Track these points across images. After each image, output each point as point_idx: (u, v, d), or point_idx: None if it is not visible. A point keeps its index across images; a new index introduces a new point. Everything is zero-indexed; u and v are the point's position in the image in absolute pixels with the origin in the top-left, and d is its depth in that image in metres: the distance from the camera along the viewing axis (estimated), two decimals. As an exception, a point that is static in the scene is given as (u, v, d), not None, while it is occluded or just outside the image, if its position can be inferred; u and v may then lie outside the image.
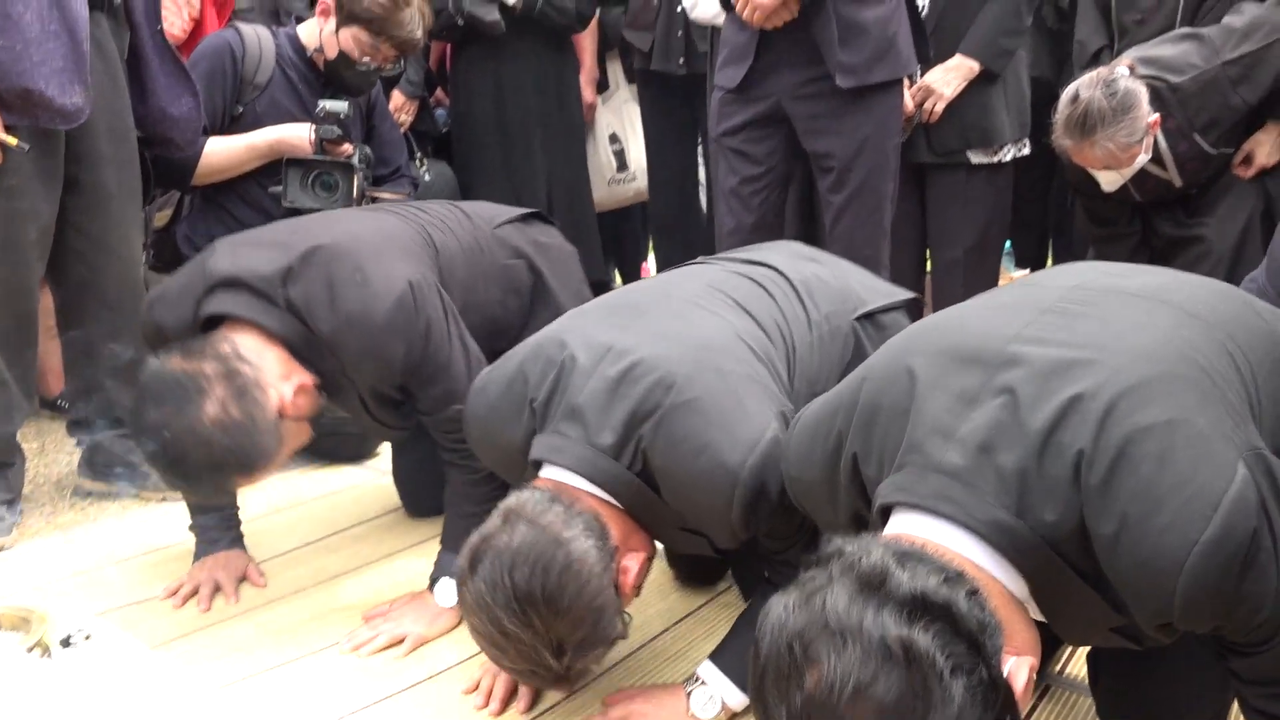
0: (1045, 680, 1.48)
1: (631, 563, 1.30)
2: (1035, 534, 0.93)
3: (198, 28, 2.67)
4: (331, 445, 2.38)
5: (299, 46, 2.43)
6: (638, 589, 1.34)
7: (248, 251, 1.61)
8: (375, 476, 2.33)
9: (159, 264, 2.56)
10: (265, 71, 2.39)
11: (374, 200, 2.45)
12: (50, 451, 2.52)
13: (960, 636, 0.83)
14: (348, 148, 2.39)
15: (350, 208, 2.33)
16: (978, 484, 0.95)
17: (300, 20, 2.51)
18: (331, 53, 2.38)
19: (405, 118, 3.16)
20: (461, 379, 1.63)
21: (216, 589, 1.75)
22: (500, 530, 1.23)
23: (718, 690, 1.40)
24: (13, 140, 1.80)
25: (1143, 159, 2.43)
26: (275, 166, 2.38)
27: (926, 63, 2.61)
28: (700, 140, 3.51)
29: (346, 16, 2.33)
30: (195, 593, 1.74)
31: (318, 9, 2.39)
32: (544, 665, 1.21)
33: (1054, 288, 1.14)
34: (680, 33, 3.13)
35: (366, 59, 2.37)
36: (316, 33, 2.40)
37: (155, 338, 1.63)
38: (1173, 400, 0.93)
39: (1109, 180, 2.49)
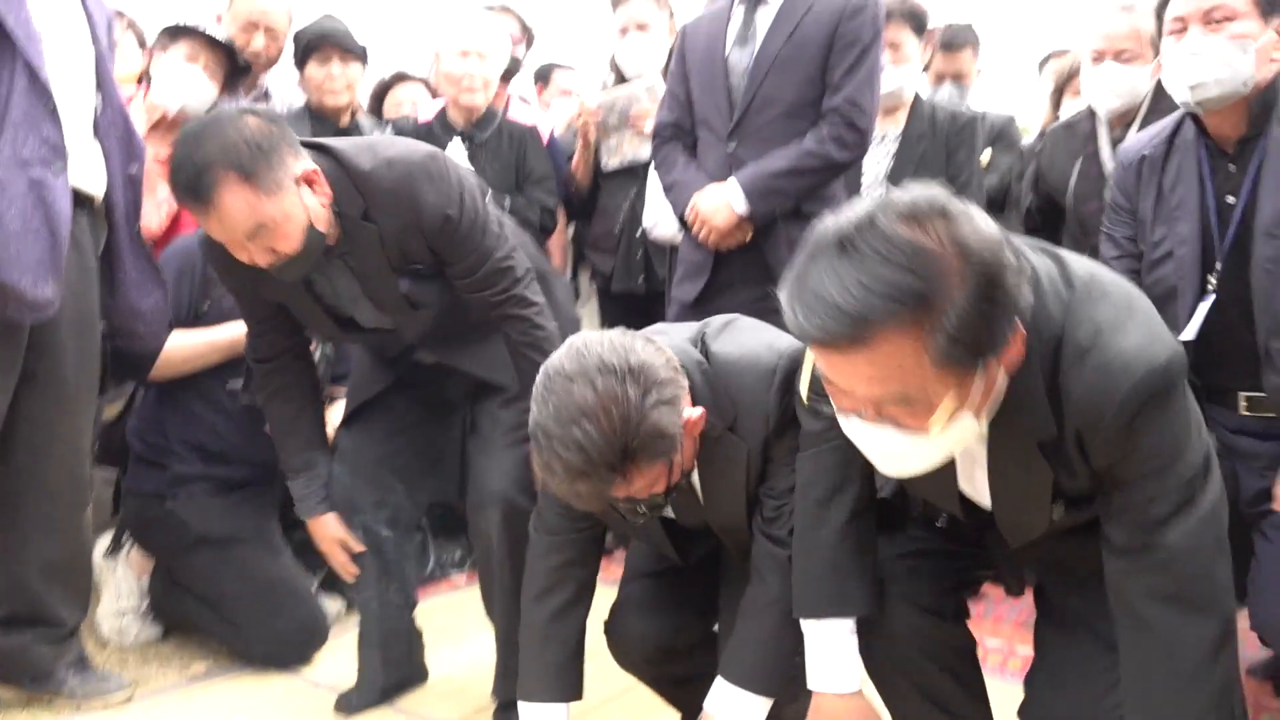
0: None
1: (693, 413, 1.41)
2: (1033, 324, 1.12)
3: (174, 224, 2.74)
4: (269, 651, 2.28)
5: (269, 248, 2.49)
6: (690, 463, 1.46)
7: None
8: (308, 687, 2.21)
9: (104, 457, 2.51)
10: (233, 270, 2.44)
11: (332, 398, 2.46)
12: (-40, 653, 2.35)
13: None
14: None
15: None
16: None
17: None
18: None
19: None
20: (496, 245, 1.85)
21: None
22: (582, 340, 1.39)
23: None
24: None
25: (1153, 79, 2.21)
26: (235, 363, 2.39)
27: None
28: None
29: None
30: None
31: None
32: (616, 433, 1.29)
33: None
34: (640, 254, 3.30)
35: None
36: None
37: None
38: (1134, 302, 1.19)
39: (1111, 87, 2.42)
